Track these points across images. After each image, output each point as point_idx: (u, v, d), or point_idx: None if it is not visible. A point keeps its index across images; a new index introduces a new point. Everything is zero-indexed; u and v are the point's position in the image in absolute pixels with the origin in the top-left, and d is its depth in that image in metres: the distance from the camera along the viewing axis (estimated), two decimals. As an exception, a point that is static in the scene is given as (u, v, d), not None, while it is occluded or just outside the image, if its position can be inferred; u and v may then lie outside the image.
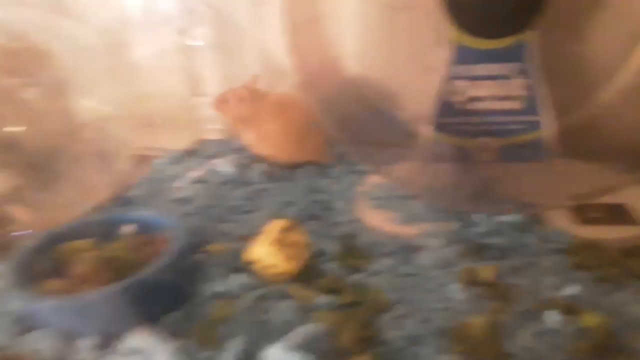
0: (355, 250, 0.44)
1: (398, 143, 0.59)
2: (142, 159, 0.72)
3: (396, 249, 0.45)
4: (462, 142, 0.54)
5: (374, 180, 0.59)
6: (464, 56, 0.51)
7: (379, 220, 0.50)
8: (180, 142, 0.76)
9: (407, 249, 0.44)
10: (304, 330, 0.32)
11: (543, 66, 0.50)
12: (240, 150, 0.69)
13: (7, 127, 0.57)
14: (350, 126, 0.53)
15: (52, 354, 0.34)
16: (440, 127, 0.54)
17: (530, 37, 0.48)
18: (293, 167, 0.62)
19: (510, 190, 0.52)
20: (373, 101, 0.59)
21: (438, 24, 0.51)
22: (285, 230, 0.40)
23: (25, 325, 0.37)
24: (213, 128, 0.80)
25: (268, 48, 0.76)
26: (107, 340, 0.35)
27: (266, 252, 0.39)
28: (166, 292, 0.38)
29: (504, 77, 0.51)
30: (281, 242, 0.39)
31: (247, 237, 0.47)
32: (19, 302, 0.38)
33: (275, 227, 0.40)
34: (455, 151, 0.55)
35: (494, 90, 0.52)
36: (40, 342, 0.35)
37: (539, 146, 0.52)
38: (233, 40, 0.76)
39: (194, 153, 0.71)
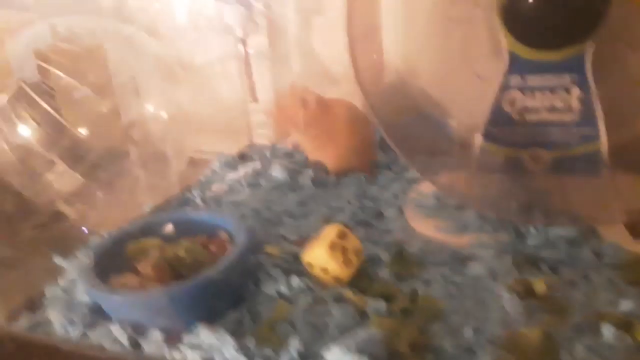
0: (407, 258, 0.45)
1: (448, 151, 0.59)
2: (198, 162, 0.75)
3: (447, 258, 0.45)
4: (514, 152, 0.54)
5: (423, 188, 0.59)
6: (518, 66, 0.51)
7: (429, 229, 0.51)
8: (232, 146, 0.79)
9: (458, 259, 0.45)
10: (361, 335, 0.33)
11: (600, 78, 0.50)
12: (290, 155, 0.71)
13: (72, 130, 0.60)
14: (402, 134, 0.54)
15: (121, 345, 0.37)
16: (491, 136, 0.54)
17: (587, 49, 0.48)
18: (343, 174, 0.63)
19: (563, 203, 0.52)
20: (425, 109, 0.59)
21: (493, 34, 0.51)
22: (341, 235, 0.41)
23: (98, 317, 0.40)
24: (263, 133, 0.82)
25: (319, 57, 0.77)
26: (173, 335, 0.37)
27: (322, 256, 0.40)
28: (228, 292, 0.40)
29: (559, 88, 0.51)
30: (337, 247, 0.41)
31: (301, 241, 0.49)
32: (93, 295, 0.40)
33: (331, 232, 0.41)
34: (506, 161, 0.55)
35: (548, 101, 0.52)
36: (111, 333, 0.37)
37: (593, 159, 0.52)
38: (286, 48, 0.78)
39: (247, 157, 0.73)
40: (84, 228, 0.59)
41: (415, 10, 0.56)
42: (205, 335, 0.35)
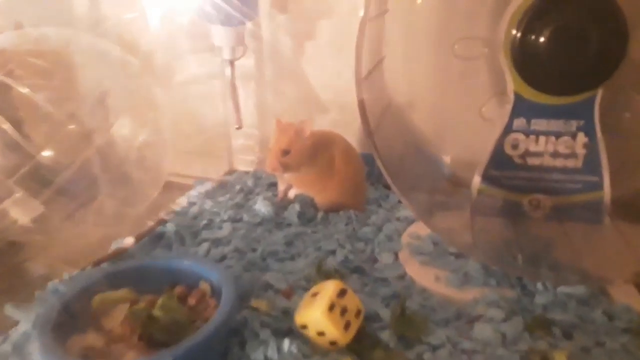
0: (409, 318, 0.41)
1: (445, 191, 0.56)
2: (173, 186, 0.69)
3: (452, 317, 0.42)
4: (513, 196, 0.52)
5: (418, 230, 0.56)
6: (523, 109, 0.49)
7: (429, 280, 0.47)
8: (211, 169, 0.74)
9: (464, 318, 0.41)
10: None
11: (607, 125, 0.48)
12: (274, 185, 0.66)
13: (38, 152, 0.54)
14: (400, 171, 0.51)
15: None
16: (490, 179, 0.51)
17: (597, 95, 0.46)
18: (331, 211, 0.59)
19: (568, 255, 0.49)
20: (424, 146, 0.56)
21: (500, 75, 0.48)
22: (340, 294, 0.37)
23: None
24: (245, 159, 0.77)
25: (309, 83, 0.74)
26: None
27: (320, 319, 0.36)
28: (215, 358, 0.35)
29: (565, 133, 0.48)
30: (336, 309, 0.36)
31: (290, 290, 0.45)
32: None
33: (329, 289, 0.37)
34: (504, 205, 0.52)
35: (552, 146, 0.50)
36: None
37: (597, 208, 0.49)
38: (275, 73, 0.74)
39: (228, 186, 0.68)
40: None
41: (419, 45, 0.53)
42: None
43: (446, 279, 0.47)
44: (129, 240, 0.53)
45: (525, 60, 0.46)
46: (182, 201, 0.64)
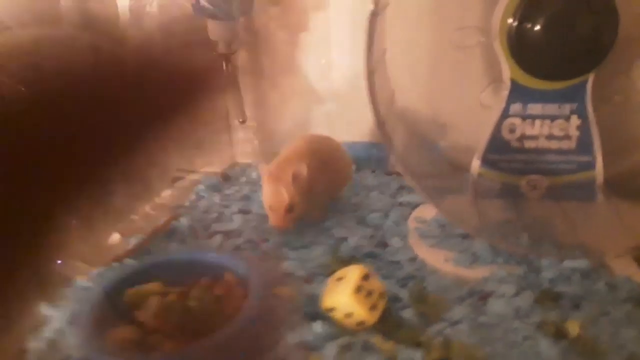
0: (427, 297, 0.43)
1: (446, 176, 0.58)
2: (177, 182, 0.70)
3: (467, 295, 0.44)
4: (511, 178, 0.54)
5: (422, 215, 0.58)
6: (519, 95, 0.51)
7: (439, 261, 0.49)
8: (214, 164, 0.74)
9: (478, 295, 0.44)
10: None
11: (599, 107, 0.50)
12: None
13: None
14: (406, 158, 0.53)
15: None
16: (489, 162, 0.54)
17: (589, 79, 0.48)
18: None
19: (567, 232, 0.52)
20: (425, 133, 0.58)
21: (496, 63, 0.50)
22: (365, 277, 0.39)
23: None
24: (245, 151, 0.78)
25: (304, 74, 0.75)
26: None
27: (348, 301, 0.38)
28: (248, 345, 0.36)
29: (559, 116, 0.51)
30: (362, 291, 0.38)
31: (310, 277, 0.46)
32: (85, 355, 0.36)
33: (354, 274, 0.39)
34: (502, 187, 0.55)
35: (547, 129, 0.52)
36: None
37: (590, 186, 0.52)
38: (272, 66, 0.75)
39: (232, 179, 0.69)
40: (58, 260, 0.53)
41: (419, 35, 0.55)
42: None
43: (455, 259, 0.49)
44: (115, 237, 0.53)
45: (521, 48, 0.48)
46: (190, 196, 0.65)
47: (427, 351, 0.36)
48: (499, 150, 0.53)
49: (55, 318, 0.41)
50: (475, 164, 0.54)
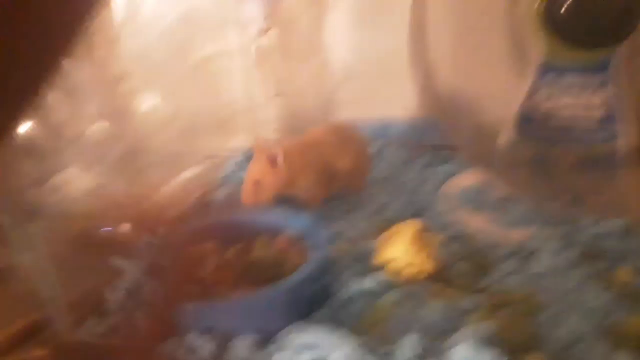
0: (476, 252, 0.44)
1: (482, 147, 0.60)
2: (208, 161, 0.71)
3: (514, 251, 0.45)
4: (541, 149, 0.56)
5: (459, 183, 0.60)
6: (551, 67, 0.53)
7: (482, 223, 0.51)
8: (238, 143, 0.75)
9: (524, 251, 0.45)
10: (478, 329, 0.33)
11: (627, 79, 0.52)
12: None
13: (94, 124, 0.56)
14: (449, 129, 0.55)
15: (211, 353, 0.34)
16: (520, 134, 0.56)
17: (617, 51, 0.50)
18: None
19: (598, 197, 0.54)
20: (460, 105, 0.60)
21: (530, 35, 0.52)
22: (422, 230, 0.40)
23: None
24: (271, 128, 0.80)
25: (329, 53, 0.76)
26: (264, 339, 0.35)
27: (406, 251, 0.39)
28: (314, 292, 0.38)
29: (588, 88, 0.53)
30: (420, 242, 0.40)
31: (360, 237, 0.48)
32: None
33: (409, 227, 0.40)
34: (533, 157, 0.56)
35: (577, 101, 0.54)
36: (197, 342, 0.34)
37: (618, 155, 0.54)
38: (296, 45, 0.76)
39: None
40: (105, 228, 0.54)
41: (452, 9, 0.56)
42: (320, 333, 0.33)
43: (497, 222, 0.51)
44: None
45: (554, 22, 0.50)
46: (221, 172, 0.66)
47: (486, 297, 0.38)
48: (530, 122, 0.55)
49: (129, 271, 0.42)
50: (507, 135, 0.55)
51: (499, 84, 0.58)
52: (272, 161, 0.50)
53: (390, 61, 0.73)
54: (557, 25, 0.51)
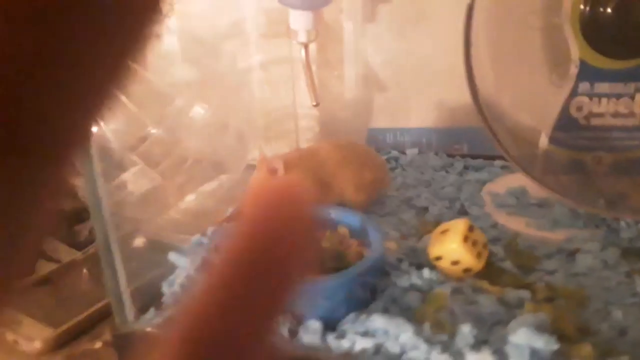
0: (519, 252, 0.46)
1: (520, 152, 0.62)
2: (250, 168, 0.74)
3: (555, 252, 0.47)
4: (577, 155, 0.58)
5: (495, 188, 0.62)
6: (588, 74, 0.55)
7: (521, 226, 0.53)
8: (280, 149, 0.79)
9: (565, 252, 0.47)
10: (529, 320, 0.35)
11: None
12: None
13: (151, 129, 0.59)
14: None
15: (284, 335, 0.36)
16: (556, 140, 0.58)
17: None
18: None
19: (636, 199, 0.55)
20: (500, 113, 0.62)
21: (565, 43, 0.54)
22: (470, 229, 0.43)
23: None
24: (307, 138, 0.83)
25: (369, 64, 0.79)
26: (327, 326, 0.37)
27: (457, 249, 0.42)
28: (372, 284, 0.40)
29: (624, 95, 0.55)
30: (469, 241, 0.42)
31: (405, 236, 0.50)
32: None
33: (460, 226, 0.43)
34: (569, 164, 0.58)
35: (613, 107, 0.56)
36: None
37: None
38: (336, 55, 0.79)
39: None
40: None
41: (491, 18, 0.59)
42: (379, 321, 0.35)
43: (536, 224, 0.53)
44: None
45: (592, 30, 0.52)
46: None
47: (533, 292, 0.40)
48: (566, 128, 0.57)
49: (184, 266, 0.45)
50: (544, 141, 0.57)
51: (538, 91, 0.60)
52: (273, 172, 0.50)
53: (426, 71, 0.76)
54: (595, 33, 0.53)
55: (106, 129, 0.54)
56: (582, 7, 0.53)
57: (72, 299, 0.53)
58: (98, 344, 0.45)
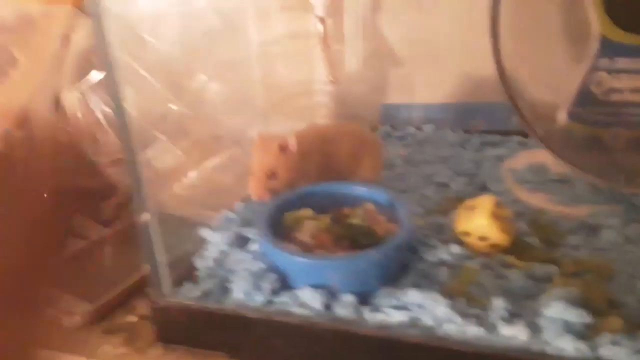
0: (543, 227, 0.47)
1: (539, 127, 0.62)
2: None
3: (577, 227, 0.48)
4: (595, 131, 0.58)
5: (514, 164, 0.62)
6: (608, 49, 0.55)
7: (542, 201, 0.54)
8: (295, 125, 0.79)
9: (588, 227, 0.48)
10: (560, 293, 0.36)
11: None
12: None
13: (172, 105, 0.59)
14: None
15: (314, 309, 0.38)
16: (576, 116, 0.58)
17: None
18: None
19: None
20: (519, 90, 0.62)
21: (588, 17, 0.54)
22: (498, 205, 0.43)
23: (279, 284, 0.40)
24: (322, 114, 0.83)
25: (385, 38, 0.79)
26: (360, 299, 0.38)
27: (485, 225, 0.42)
28: (403, 257, 0.41)
29: (645, 71, 0.54)
30: (496, 217, 0.43)
31: (428, 212, 0.51)
32: (287, 260, 0.40)
33: (487, 202, 0.43)
34: (586, 139, 0.59)
35: (633, 83, 0.56)
36: (307, 296, 0.38)
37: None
38: (352, 31, 0.79)
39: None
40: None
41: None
42: (413, 295, 0.36)
43: (557, 200, 0.54)
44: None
45: (615, 5, 0.52)
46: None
47: (560, 267, 0.41)
48: (586, 104, 0.57)
49: (216, 242, 0.46)
50: (562, 116, 0.58)
51: (557, 66, 0.60)
52: (284, 148, 0.48)
53: (442, 46, 0.76)
54: (618, 8, 0.53)
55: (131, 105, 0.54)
56: (605, -21, 0.52)
57: (102, 274, 0.54)
58: (133, 318, 0.46)
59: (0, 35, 0.66)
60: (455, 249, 0.43)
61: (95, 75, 0.60)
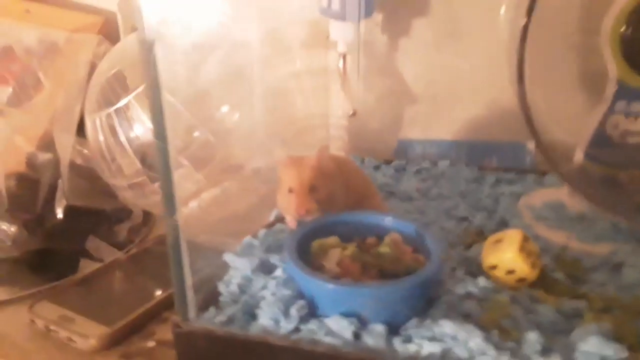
0: (569, 263, 0.47)
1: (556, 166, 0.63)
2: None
3: (599, 264, 0.48)
4: (611, 171, 0.59)
5: (531, 201, 0.63)
6: (625, 93, 0.56)
7: (563, 239, 0.54)
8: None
9: (610, 264, 0.48)
10: (593, 329, 0.35)
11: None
12: (377, 167, 0.73)
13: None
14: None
15: (343, 339, 0.37)
16: (591, 156, 0.59)
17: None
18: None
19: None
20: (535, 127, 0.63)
21: (606, 62, 0.56)
22: (525, 239, 0.43)
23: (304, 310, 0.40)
24: (336, 146, 0.84)
25: (401, 76, 0.81)
26: (390, 330, 0.38)
27: (513, 259, 0.42)
28: (433, 289, 0.41)
29: (661, 114, 0.56)
30: (525, 251, 0.43)
31: (452, 246, 0.51)
32: (319, 287, 0.40)
33: (516, 236, 0.44)
34: (602, 180, 0.59)
35: (649, 126, 0.57)
36: (336, 325, 0.37)
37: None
38: (370, 67, 0.80)
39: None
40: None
41: (541, 35, 0.60)
42: (447, 327, 0.36)
43: (578, 237, 0.54)
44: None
45: (633, 51, 0.54)
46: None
47: (589, 302, 0.41)
48: (602, 145, 0.58)
49: (240, 267, 0.46)
50: (579, 156, 0.59)
51: (574, 108, 0.62)
52: (322, 162, 0.48)
53: (458, 85, 0.78)
54: (633, 54, 0.54)
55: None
56: (623, 29, 0.54)
57: (116, 298, 0.53)
58: (151, 343, 0.45)
59: (28, 60, 0.67)
60: (483, 282, 0.43)
61: (120, 101, 0.61)
